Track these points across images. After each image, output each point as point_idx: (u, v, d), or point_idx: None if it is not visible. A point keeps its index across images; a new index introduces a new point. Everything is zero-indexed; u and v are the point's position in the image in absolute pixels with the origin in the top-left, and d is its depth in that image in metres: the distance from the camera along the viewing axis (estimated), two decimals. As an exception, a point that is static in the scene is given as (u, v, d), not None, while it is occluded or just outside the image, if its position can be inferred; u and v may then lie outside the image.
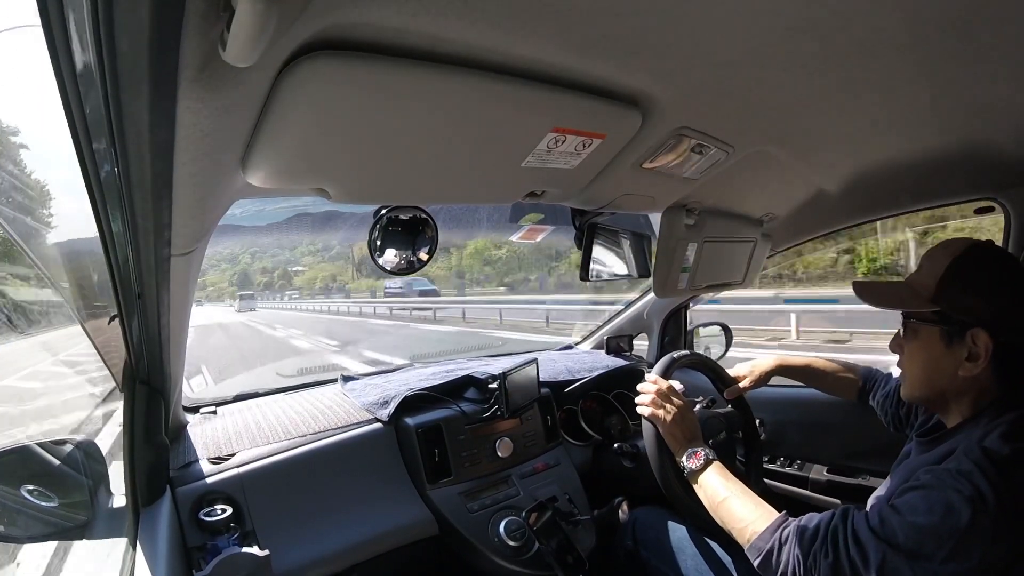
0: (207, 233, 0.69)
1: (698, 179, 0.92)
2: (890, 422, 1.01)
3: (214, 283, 34.73)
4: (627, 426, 1.41)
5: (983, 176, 1.08)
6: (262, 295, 30.15)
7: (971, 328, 0.69)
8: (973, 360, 0.69)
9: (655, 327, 1.75)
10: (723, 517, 0.81)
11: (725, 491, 0.83)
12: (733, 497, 0.81)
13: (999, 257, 0.73)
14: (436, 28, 0.45)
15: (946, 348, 0.71)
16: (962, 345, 0.69)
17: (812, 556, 0.67)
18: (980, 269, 0.71)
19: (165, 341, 0.76)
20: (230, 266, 38.19)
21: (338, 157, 0.58)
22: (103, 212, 0.51)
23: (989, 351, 0.68)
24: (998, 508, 0.59)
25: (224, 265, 37.79)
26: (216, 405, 1.23)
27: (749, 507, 0.79)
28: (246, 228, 30.99)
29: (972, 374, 0.69)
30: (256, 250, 37.50)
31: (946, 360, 0.71)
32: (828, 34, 0.55)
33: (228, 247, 35.05)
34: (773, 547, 0.71)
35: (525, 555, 1.06)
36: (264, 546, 0.85)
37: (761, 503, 0.79)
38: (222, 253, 36.56)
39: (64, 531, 0.78)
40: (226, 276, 36.65)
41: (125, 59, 0.31)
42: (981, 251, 0.72)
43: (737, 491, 0.82)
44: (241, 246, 35.19)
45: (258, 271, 36.56)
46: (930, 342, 0.73)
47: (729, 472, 0.87)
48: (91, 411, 1.34)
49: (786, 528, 0.72)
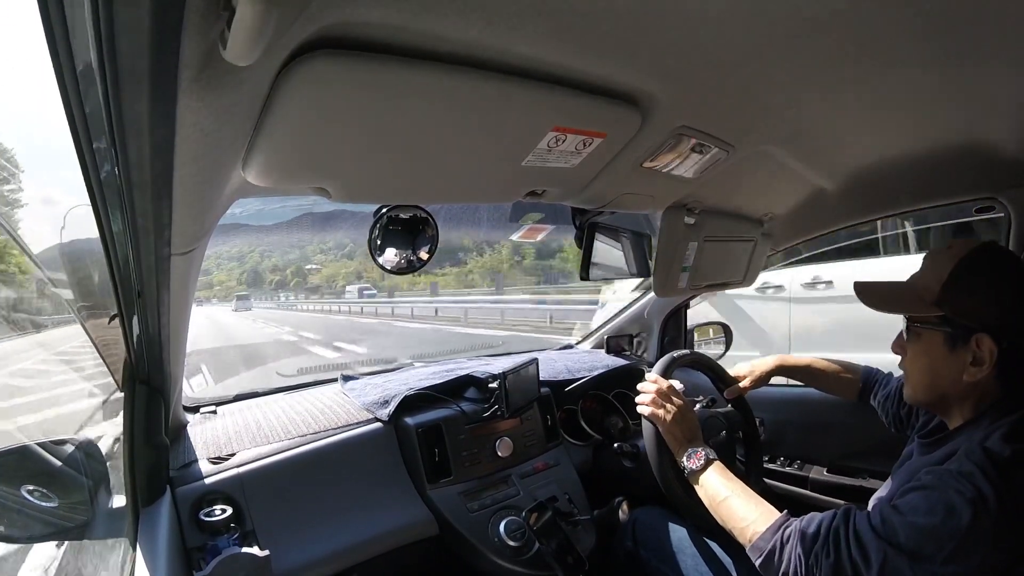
0: (207, 233, 0.69)
1: (698, 179, 0.92)
2: (891, 422, 1.01)
3: (221, 281, 34.57)
4: (627, 426, 1.41)
5: (983, 175, 1.08)
6: (273, 295, 30.03)
7: (976, 333, 0.68)
8: (978, 365, 0.68)
9: (655, 327, 1.75)
10: (724, 517, 0.81)
11: (726, 491, 0.82)
12: (734, 497, 0.81)
13: (1004, 259, 0.72)
14: (436, 27, 0.45)
15: (950, 352, 0.70)
16: (966, 350, 0.69)
17: (814, 556, 0.67)
18: (985, 273, 0.70)
19: (165, 341, 0.76)
20: (238, 264, 37.93)
21: (338, 156, 0.58)
22: (103, 212, 0.51)
23: (994, 356, 0.67)
24: (999, 510, 0.59)
25: (231, 264, 37.58)
26: (216, 405, 1.23)
27: (750, 507, 0.79)
28: (252, 227, 30.58)
29: (976, 379, 0.68)
30: (264, 248, 37.24)
31: (949, 364, 0.70)
32: (828, 34, 0.55)
33: (236, 246, 34.65)
34: (775, 547, 0.71)
35: (525, 555, 1.06)
36: (264, 546, 0.85)
37: (762, 503, 0.79)
38: (229, 252, 36.31)
39: (64, 531, 0.78)
40: (233, 275, 36.38)
41: (125, 58, 0.31)
42: (986, 253, 0.71)
43: (738, 491, 0.82)
44: (250, 245, 34.72)
45: (268, 269, 36.28)
46: (933, 346, 0.72)
47: (730, 472, 0.87)
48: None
49: (787, 528, 0.72)
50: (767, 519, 0.75)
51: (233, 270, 37.13)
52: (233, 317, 17.41)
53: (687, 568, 1.01)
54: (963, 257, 0.70)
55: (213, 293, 30.77)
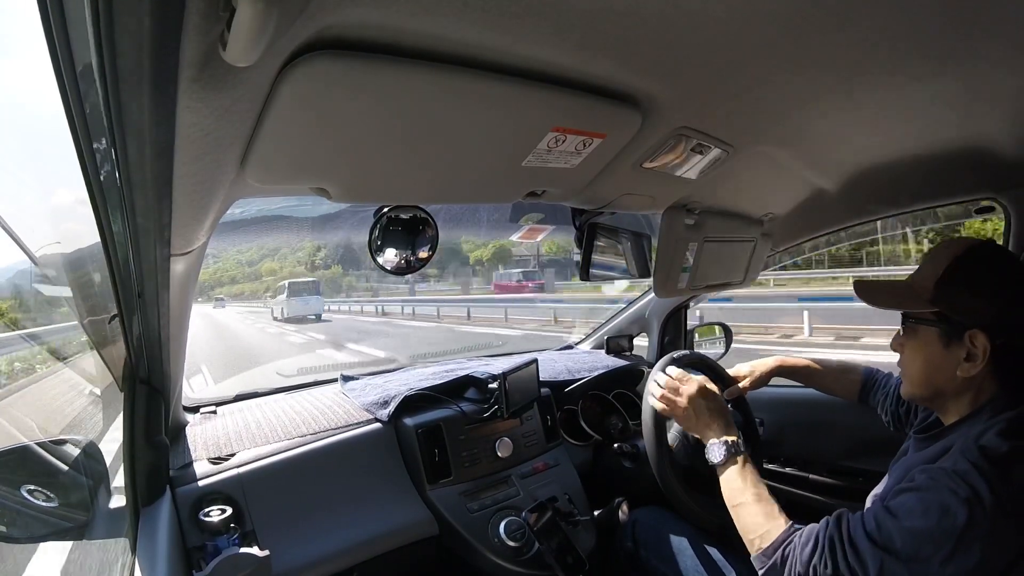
0: (207, 233, 0.69)
1: (698, 179, 0.92)
2: (890, 421, 1.01)
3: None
4: (627, 426, 1.41)
5: (983, 176, 1.08)
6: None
7: (969, 329, 0.69)
8: (971, 361, 0.69)
9: (655, 327, 1.75)
10: (736, 521, 0.82)
11: (740, 496, 0.82)
12: (746, 505, 0.81)
13: (1000, 257, 0.72)
14: (436, 28, 0.45)
15: (944, 348, 0.71)
16: (960, 346, 0.69)
17: (812, 570, 0.67)
18: (979, 270, 0.71)
19: (165, 341, 0.76)
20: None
21: (338, 157, 0.58)
22: (103, 212, 0.51)
23: (987, 353, 0.68)
24: (995, 508, 0.58)
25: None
26: (216, 405, 1.23)
27: (759, 518, 0.78)
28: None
29: (970, 375, 0.69)
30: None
31: (944, 360, 0.71)
32: (828, 34, 0.55)
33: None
34: (776, 563, 0.72)
35: (525, 555, 1.06)
36: (264, 546, 0.85)
37: (771, 513, 0.78)
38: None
39: (64, 531, 0.78)
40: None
41: (125, 58, 0.31)
42: (982, 251, 0.72)
43: (750, 497, 0.81)
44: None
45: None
46: (928, 342, 0.73)
47: (749, 469, 0.85)
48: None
49: (789, 545, 0.72)
50: (773, 533, 0.75)
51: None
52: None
53: (687, 568, 1.01)
54: (958, 255, 0.71)
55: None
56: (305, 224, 26.12)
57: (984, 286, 0.70)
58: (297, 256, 32.62)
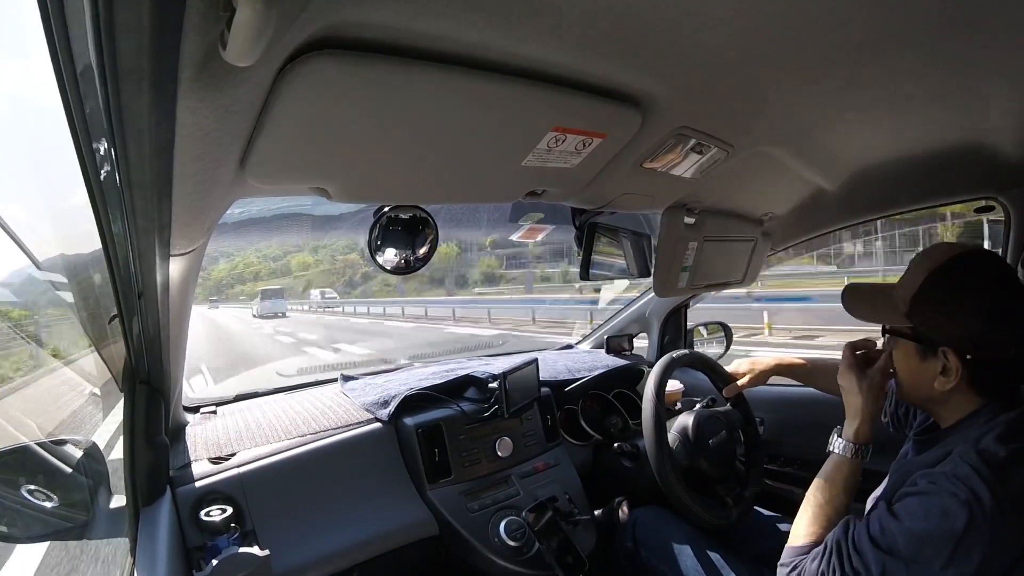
0: (207, 233, 0.69)
1: (698, 179, 0.92)
2: (889, 422, 1.01)
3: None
4: (627, 426, 1.41)
5: (983, 175, 1.08)
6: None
7: (941, 346, 0.69)
8: (946, 375, 0.69)
9: (655, 326, 1.75)
10: (803, 504, 0.80)
11: (809, 495, 0.80)
12: (806, 507, 0.79)
13: (976, 272, 0.70)
14: (436, 28, 0.45)
15: (921, 362, 0.72)
16: (936, 360, 0.70)
17: (820, 574, 0.68)
18: (952, 287, 0.70)
19: (165, 341, 0.76)
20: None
21: (338, 157, 0.58)
22: (103, 212, 0.51)
23: (959, 369, 0.68)
24: (995, 510, 0.59)
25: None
26: (216, 405, 1.23)
27: (804, 520, 0.78)
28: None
29: (946, 388, 0.69)
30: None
31: (923, 372, 0.72)
32: (828, 34, 0.55)
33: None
34: (793, 566, 0.73)
35: (525, 555, 1.06)
36: (264, 546, 0.85)
37: (817, 520, 0.76)
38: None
39: (64, 531, 0.78)
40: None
41: (125, 58, 0.31)
42: (959, 263, 0.70)
43: (817, 501, 0.78)
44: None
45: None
46: (908, 354, 0.74)
47: (844, 473, 0.79)
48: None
49: (806, 555, 0.72)
50: (803, 539, 0.75)
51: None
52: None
53: (687, 568, 1.01)
54: (934, 269, 0.70)
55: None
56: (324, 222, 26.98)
57: (953, 304, 0.69)
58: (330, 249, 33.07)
